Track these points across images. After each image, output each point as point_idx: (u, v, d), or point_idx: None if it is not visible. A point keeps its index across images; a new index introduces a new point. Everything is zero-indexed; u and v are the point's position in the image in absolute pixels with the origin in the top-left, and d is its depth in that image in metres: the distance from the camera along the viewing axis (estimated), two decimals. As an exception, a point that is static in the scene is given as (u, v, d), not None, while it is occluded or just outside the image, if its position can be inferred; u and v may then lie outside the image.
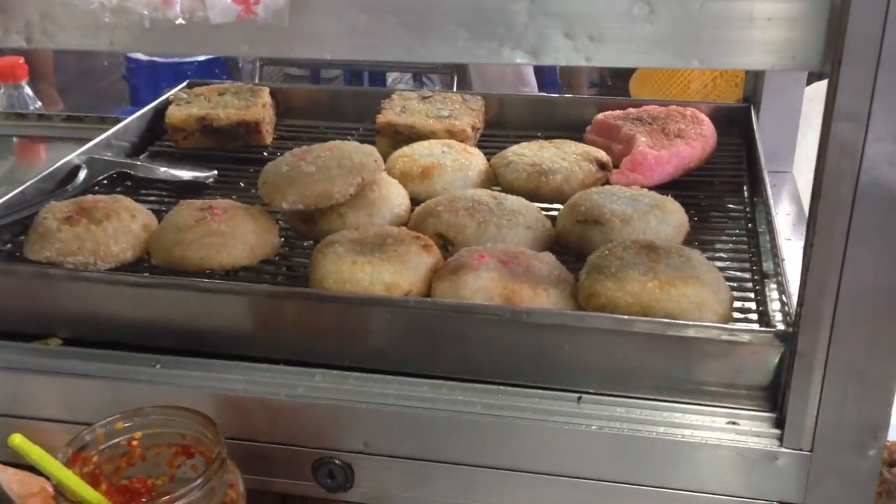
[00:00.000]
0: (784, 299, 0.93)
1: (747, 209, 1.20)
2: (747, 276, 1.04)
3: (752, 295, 0.99)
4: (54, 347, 0.99)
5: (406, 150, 1.27)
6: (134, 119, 1.44)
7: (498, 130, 1.47)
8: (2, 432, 0.96)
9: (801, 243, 1.17)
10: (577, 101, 1.50)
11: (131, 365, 0.95)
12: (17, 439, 0.72)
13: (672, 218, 1.06)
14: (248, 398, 0.91)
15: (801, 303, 0.77)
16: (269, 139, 1.45)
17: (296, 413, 0.90)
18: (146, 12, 0.71)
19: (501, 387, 0.90)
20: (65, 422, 0.96)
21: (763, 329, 0.84)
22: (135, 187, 1.32)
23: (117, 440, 0.82)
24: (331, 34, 0.80)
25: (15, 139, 1.66)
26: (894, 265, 0.73)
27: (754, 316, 0.95)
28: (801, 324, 0.77)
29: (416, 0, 0.78)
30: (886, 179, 0.71)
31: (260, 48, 0.82)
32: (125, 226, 1.06)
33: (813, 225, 0.74)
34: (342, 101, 1.57)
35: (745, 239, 1.12)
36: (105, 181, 1.28)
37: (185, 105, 1.45)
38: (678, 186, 1.23)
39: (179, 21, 0.71)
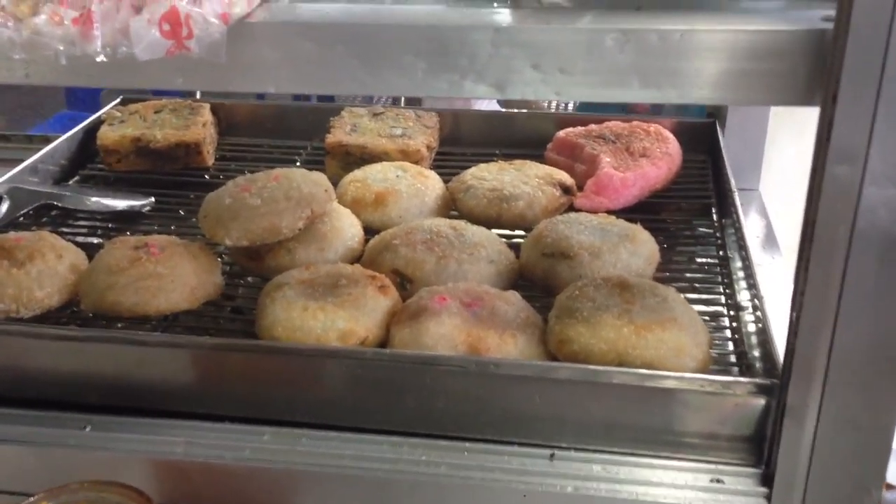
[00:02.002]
0: (764, 339, 0.87)
1: (717, 234, 1.15)
2: (722, 310, 0.98)
3: (728, 333, 0.94)
4: (-31, 408, 0.90)
5: (358, 174, 1.20)
6: (63, 141, 1.34)
7: (453, 148, 1.40)
8: (-87, 504, 0.87)
9: (773, 268, 1.14)
10: (536, 117, 1.44)
11: (58, 427, 0.86)
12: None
13: (643, 249, 1.00)
14: (190, 462, 0.83)
15: (790, 353, 0.71)
16: (210, 160, 1.36)
17: (243, 478, 0.82)
18: (62, 47, 0.62)
19: (467, 443, 0.83)
20: (-17, 491, 0.87)
21: (748, 380, 0.78)
22: (63, 216, 1.22)
23: (41, 523, 0.73)
24: (274, 65, 0.73)
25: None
26: (891, 313, 0.68)
27: (733, 358, 0.90)
28: (791, 376, 0.71)
29: (368, 28, 0.71)
30: (884, 224, 0.65)
31: (196, 81, 0.74)
32: (51, 268, 0.97)
33: (804, 271, 0.68)
34: (288, 118, 1.48)
35: (717, 268, 1.07)
36: (30, 212, 1.18)
37: (118, 125, 1.35)
38: (644, 209, 1.18)
39: (101, 58, 0.63)
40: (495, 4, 0.75)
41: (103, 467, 0.83)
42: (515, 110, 1.47)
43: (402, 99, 1.75)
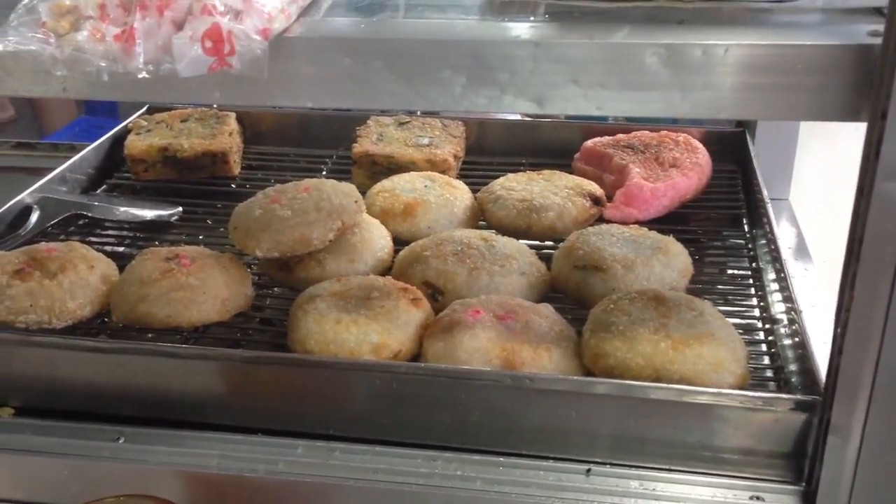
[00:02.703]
0: (802, 353, 0.86)
1: (748, 245, 1.14)
2: (756, 323, 0.97)
3: (764, 347, 0.93)
4: (5, 418, 0.90)
5: (386, 184, 1.19)
6: (90, 150, 1.34)
7: (479, 157, 1.39)
8: (-53, 515, 0.88)
9: (805, 279, 1.13)
10: (562, 126, 1.43)
11: (92, 439, 0.86)
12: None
13: (676, 262, 0.99)
14: (223, 476, 0.82)
15: (834, 370, 0.70)
16: (236, 169, 1.36)
17: (277, 492, 0.82)
18: (104, 64, 0.62)
19: (502, 458, 0.83)
20: (17, 502, 0.87)
21: (790, 397, 0.77)
22: (91, 226, 1.22)
23: (77, 537, 0.73)
24: (312, 80, 0.72)
25: (-43, 169, 1.55)
26: (937, 331, 0.67)
27: (769, 373, 0.89)
28: (835, 393, 0.70)
29: (407, 43, 0.70)
30: (932, 242, 0.64)
31: (233, 95, 0.73)
32: (82, 279, 0.97)
33: (850, 289, 0.67)
34: (313, 127, 1.48)
35: (749, 280, 1.06)
36: (59, 222, 1.18)
37: (145, 134, 1.35)
38: (674, 220, 1.17)
39: (143, 75, 0.62)
40: (532, 18, 0.75)
41: (136, 479, 0.83)
42: (540, 119, 1.46)
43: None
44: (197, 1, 0.63)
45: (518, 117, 1.51)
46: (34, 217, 1.14)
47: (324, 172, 1.36)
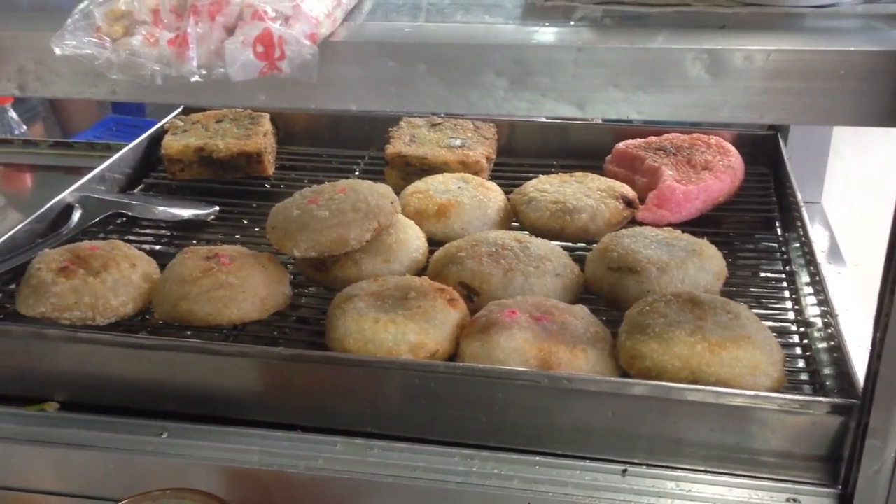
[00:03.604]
0: (838, 357, 0.86)
1: (782, 248, 1.14)
2: (790, 326, 0.98)
3: (798, 350, 0.93)
4: (51, 413, 0.92)
5: (420, 185, 1.20)
6: (128, 150, 1.36)
7: (510, 158, 1.40)
8: (-6, 506, 0.90)
9: (839, 282, 1.13)
10: (593, 128, 1.44)
11: (136, 434, 0.88)
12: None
13: (710, 264, 1.00)
14: (264, 471, 0.84)
15: (873, 374, 0.71)
16: (270, 169, 1.38)
17: (316, 487, 0.83)
18: (158, 68, 0.64)
19: (538, 457, 0.83)
20: (63, 495, 0.89)
21: (827, 400, 0.78)
22: (129, 224, 1.24)
23: (125, 528, 0.75)
24: (356, 83, 0.73)
25: (-2, 167, 1.58)
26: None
27: (804, 376, 0.89)
28: (873, 397, 0.71)
29: (451, 47, 0.71)
30: (973, 247, 0.65)
31: (279, 98, 0.74)
32: (125, 276, 0.99)
33: (890, 294, 0.68)
34: (345, 127, 1.49)
35: (783, 283, 1.06)
36: (99, 221, 1.20)
37: (181, 134, 1.37)
38: (707, 222, 1.18)
39: (195, 79, 0.64)
40: (572, 23, 0.76)
41: (179, 474, 0.85)
42: (571, 121, 1.47)
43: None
44: (248, 6, 0.65)
45: (543, 119, 1.51)
46: (76, 216, 1.16)
47: (356, 173, 1.38)
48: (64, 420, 0.90)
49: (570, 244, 1.14)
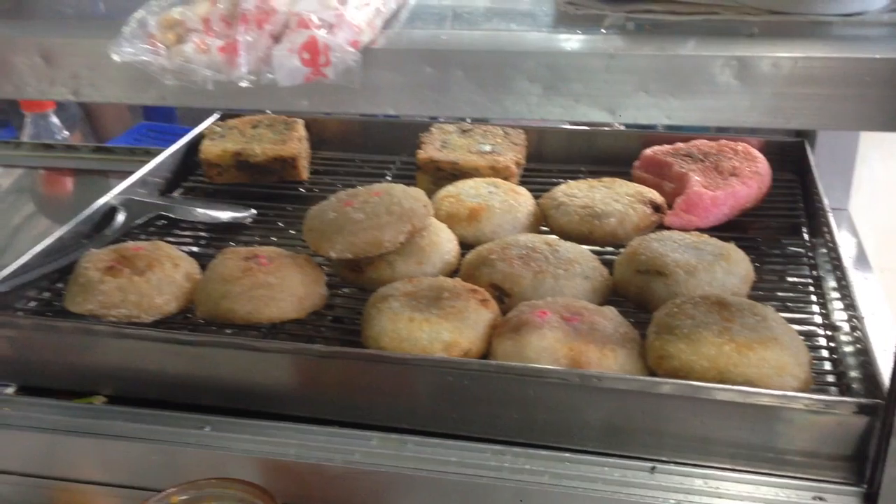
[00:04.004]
0: (864, 360, 0.88)
1: (808, 253, 1.15)
2: (817, 329, 0.99)
3: (825, 353, 0.95)
4: (98, 406, 0.96)
5: (451, 189, 1.23)
6: (168, 155, 1.40)
7: (539, 164, 1.43)
8: (43, 494, 0.94)
9: (866, 287, 1.14)
10: (621, 134, 1.46)
11: (179, 427, 0.91)
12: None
13: (738, 268, 1.01)
14: (302, 464, 0.87)
15: (897, 375, 0.72)
16: (304, 174, 1.41)
17: (352, 480, 0.86)
18: (209, 74, 0.67)
19: (568, 453, 0.86)
20: (108, 485, 0.92)
21: (853, 400, 0.79)
22: (169, 226, 1.28)
23: (171, 515, 0.78)
24: (395, 89, 0.76)
25: (41, 171, 1.63)
26: None
27: (831, 378, 0.91)
28: (897, 397, 0.72)
29: (487, 54, 0.74)
30: None
31: (320, 103, 0.77)
32: (168, 276, 1.02)
33: (914, 295, 0.69)
34: (377, 133, 1.53)
35: (810, 287, 1.07)
36: (141, 223, 1.24)
37: (219, 139, 1.41)
38: (734, 227, 1.19)
39: (244, 84, 0.67)
40: (603, 31, 0.78)
41: (220, 466, 0.88)
42: (598, 128, 1.49)
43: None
44: (294, 15, 0.68)
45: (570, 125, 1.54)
46: (120, 217, 1.20)
47: (388, 177, 1.41)
48: (110, 413, 0.94)
49: (598, 248, 1.16)
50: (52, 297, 1.08)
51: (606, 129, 1.52)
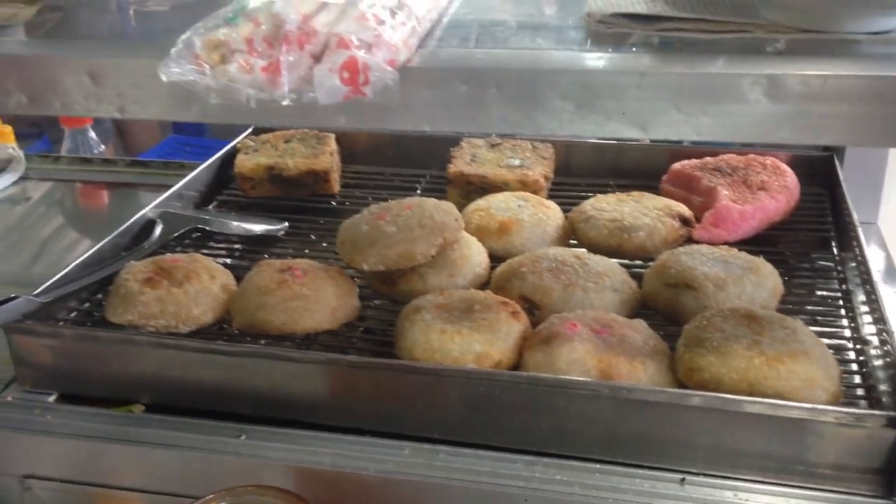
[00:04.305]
0: (894, 373, 0.88)
1: (838, 267, 1.16)
2: (846, 343, 1.00)
3: (854, 367, 0.95)
4: (137, 415, 0.98)
5: (481, 203, 1.25)
6: (203, 169, 1.43)
7: (567, 178, 1.44)
8: (83, 501, 0.96)
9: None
10: (648, 149, 1.47)
11: (216, 435, 0.93)
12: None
13: (767, 282, 1.02)
14: (336, 472, 0.89)
15: (928, 389, 0.73)
16: (336, 187, 1.44)
17: (386, 489, 0.88)
18: (252, 92, 0.70)
19: (598, 464, 0.87)
20: (146, 492, 0.95)
21: (882, 413, 0.80)
22: (203, 239, 1.31)
23: (210, 521, 0.80)
24: (430, 106, 0.78)
25: (79, 184, 1.66)
26: None
27: (860, 391, 0.91)
28: (928, 411, 0.73)
29: (521, 73, 0.76)
30: None
31: (357, 120, 0.80)
32: (205, 287, 1.05)
33: (944, 310, 0.70)
34: (407, 147, 1.55)
35: (839, 301, 1.08)
36: (177, 235, 1.27)
37: (252, 154, 1.44)
38: (762, 241, 1.20)
39: (286, 102, 0.70)
40: (633, 49, 0.79)
41: (256, 474, 0.90)
42: (626, 142, 1.50)
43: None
44: (334, 36, 0.70)
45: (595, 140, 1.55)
46: (157, 230, 1.23)
47: (418, 191, 1.43)
48: (149, 421, 0.96)
49: (627, 261, 1.17)
50: (91, 308, 1.11)
51: (634, 143, 1.53)
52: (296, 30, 0.70)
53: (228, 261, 1.25)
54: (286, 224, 1.32)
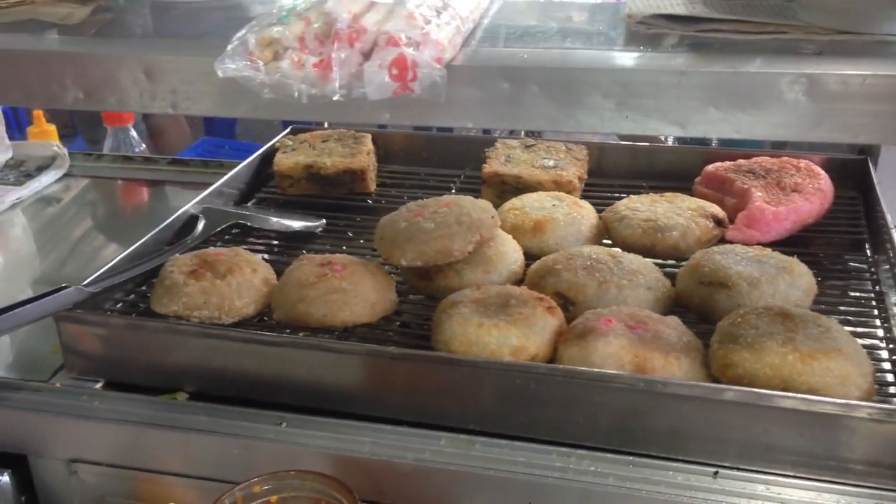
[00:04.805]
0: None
1: (871, 269, 1.16)
2: (879, 343, 1.00)
3: (888, 365, 0.96)
4: (181, 402, 1.01)
5: (516, 202, 1.27)
6: (243, 167, 1.47)
7: (600, 179, 1.45)
8: (128, 485, 0.99)
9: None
10: (681, 151, 1.48)
11: (257, 422, 0.96)
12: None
13: (800, 281, 1.03)
14: (375, 460, 0.91)
15: (962, 385, 0.74)
16: (372, 186, 1.46)
17: (423, 477, 0.90)
18: (304, 87, 0.72)
19: (632, 457, 0.88)
20: (189, 476, 0.97)
21: (918, 410, 0.81)
22: (243, 234, 1.34)
23: (255, 503, 0.82)
24: (473, 103, 0.80)
25: (120, 181, 1.71)
26: None
27: (894, 389, 0.92)
28: (962, 408, 0.74)
29: (563, 71, 0.78)
30: None
31: (401, 116, 0.82)
32: (247, 280, 1.08)
33: (980, 307, 0.71)
34: (440, 147, 1.57)
35: (872, 302, 1.09)
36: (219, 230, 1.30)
37: (291, 153, 1.47)
38: (796, 243, 1.21)
39: (337, 97, 0.72)
40: (672, 48, 0.81)
41: (296, 460, 0.92)
42: (659, 144, 1.51)
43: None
44: (383, 34, 0.72)
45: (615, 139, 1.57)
46: (200, 225, 1.26)
47: (452, 190, 1.45)
48: (193, 408, 0.99)
49: (660, 261, 1.18)
50: (136, 300, 1.14)
51: (667, 145, 1.55)
52: (346, 28, 0.72)
53: (267, 256, 1.28)
54: (324, 221, 1.35)
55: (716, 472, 0.85)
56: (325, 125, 1.60)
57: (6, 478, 1.00)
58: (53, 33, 0.92)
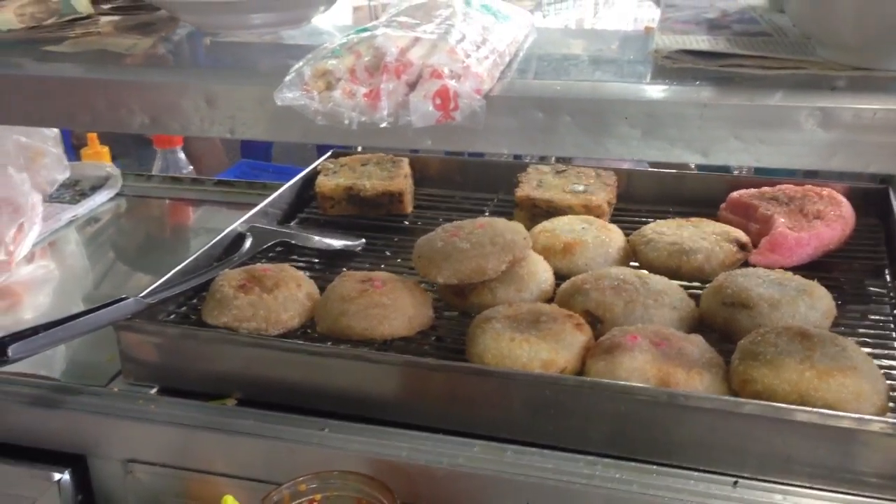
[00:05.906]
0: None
1: (891, 294, 1.20)
2: (896, 363, 1.04)
3: (905, 385, 1.00)
4: (230, 407, 1.07)
5: (547, 225, 1.33)
6: (286, 188, 1.54)
7: (628, 204, 1.51)
8: (180, 484, 1.05)
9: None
10: (707, 178, 1.53)
11: (301, 427, 1.02)
12: (229, 500, 0.78)
13: (820, 304, 1.08)
14: (412, 465, 0.96)
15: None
16: (409, 208, 1.53)
17: (458, 482, 0.95)
18: (354, 115, 0.79)
19: (656, 466, 0.93)
20: (237, 477, 1.03)
21: (928, 425, 0.85)
22: (286, 252, 1.41)
23: (300, 500, 0.88)
24: (508, 131, 0.86)
25: (167, 201, 1.79)
26: None
27: (909, 407, 0.96)
28: (970, 423, 0.78)
29: (593, 102, 0.83)
30: None
31: (443, 142, 0.88)
32: (293, 294, 1.14)
33: None
34: (475, 172, 1.63)
35: (891, 325, 1.12)
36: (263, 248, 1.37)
37: (332, 175, 1.54)
38: (817, 268, 1.25)
39: (384, 124, 0.79)
40: (697, 82, 0.87)
41: (338, 463, 0.97)
42: (686, 171, 1.56)
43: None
44: (427, 67, 0.79)
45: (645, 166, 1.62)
46: (247, 243, 1.33)
47: (486, 213, 1.51)
48: (241, 413, 1.05)
49: (685, 283, 1.23)
50: (188, 311, 1.21)
51: (693, 172, 1.60)
52: (394, 61, 0.79)
53: (310, 273, 1.34)
54: (363, 240, 1.41)
55: (735, 482, 0.90)
56: (359, 149, 1.67)
57: (66, 476, 1.07)
58: (120, 63, 1.00)
